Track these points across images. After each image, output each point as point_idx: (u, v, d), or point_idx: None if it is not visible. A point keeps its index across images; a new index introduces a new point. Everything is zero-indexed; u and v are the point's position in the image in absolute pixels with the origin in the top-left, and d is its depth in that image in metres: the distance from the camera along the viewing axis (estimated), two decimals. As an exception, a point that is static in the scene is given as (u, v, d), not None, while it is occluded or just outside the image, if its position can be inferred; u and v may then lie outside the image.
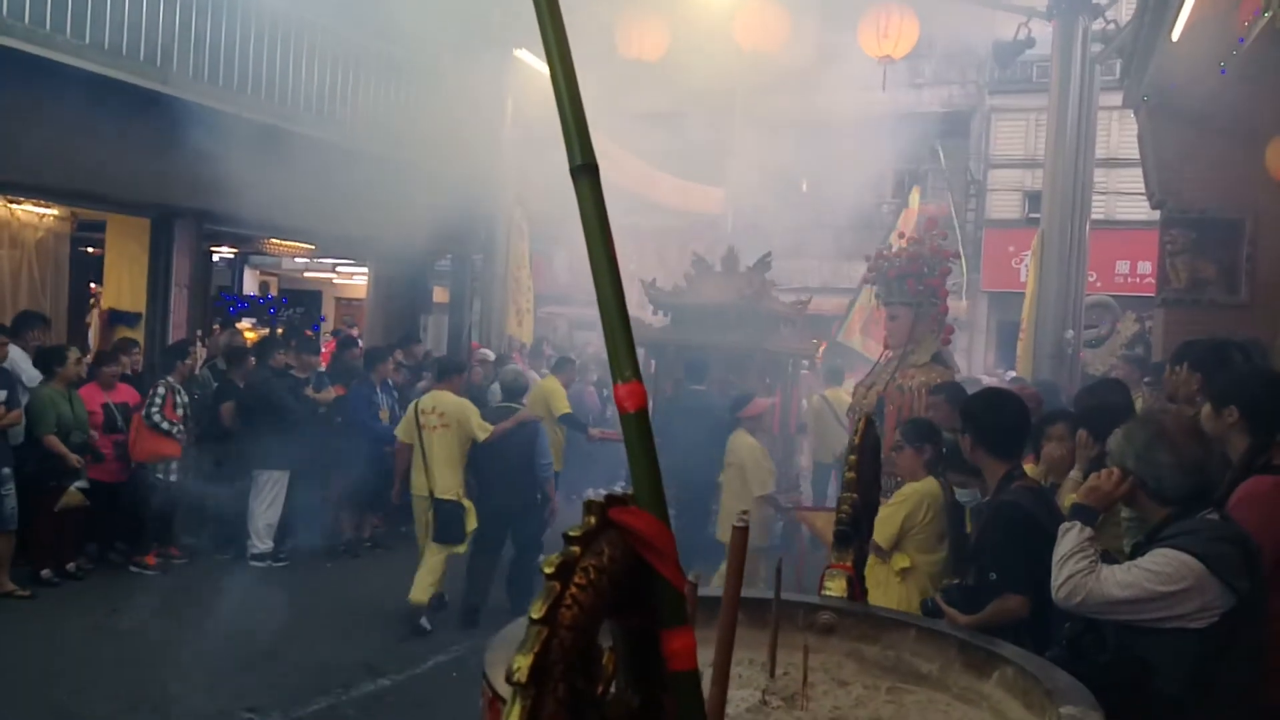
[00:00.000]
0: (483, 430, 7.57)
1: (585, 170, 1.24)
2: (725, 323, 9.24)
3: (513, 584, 7.81)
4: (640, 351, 10.73)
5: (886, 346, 7.21)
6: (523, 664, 0.96)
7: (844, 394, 9.92)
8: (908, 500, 4.79)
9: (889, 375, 6.63)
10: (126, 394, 8.55)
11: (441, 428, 7.54)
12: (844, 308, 13.06)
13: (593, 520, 1.11)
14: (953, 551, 4.74)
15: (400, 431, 7.88)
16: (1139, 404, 6.59)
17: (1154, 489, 2.79)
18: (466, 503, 7.61)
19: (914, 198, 15.03)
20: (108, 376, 8.43)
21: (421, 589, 7.45)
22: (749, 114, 19.39)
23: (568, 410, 9.90)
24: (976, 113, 19.39)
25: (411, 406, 7.84)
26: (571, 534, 1.08)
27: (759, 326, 9.36)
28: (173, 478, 8.44)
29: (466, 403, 7.79)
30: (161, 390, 8.44)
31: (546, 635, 0.98)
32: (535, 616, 0.99)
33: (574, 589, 1.03)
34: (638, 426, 1.20)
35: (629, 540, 1.13)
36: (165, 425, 8.32)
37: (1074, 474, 4.20)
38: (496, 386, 9.53)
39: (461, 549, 7.63)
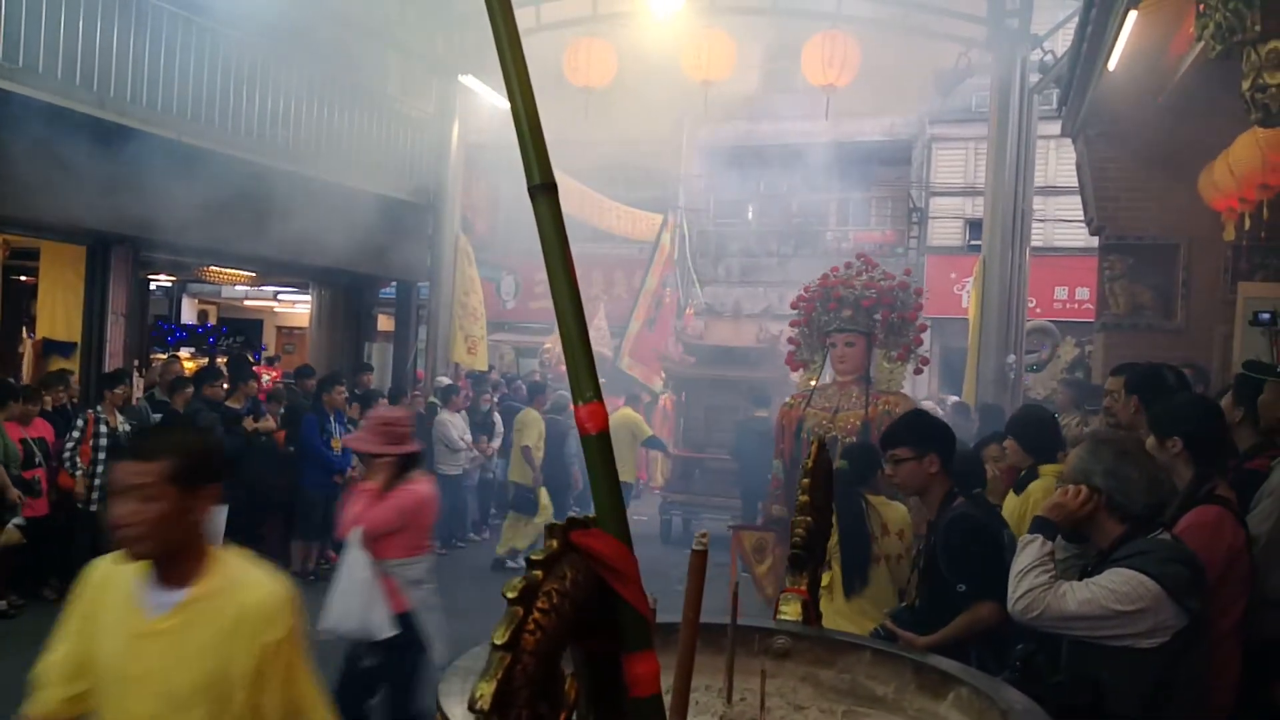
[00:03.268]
0: (529, 438, 10.54)
1: (544, 189, 1.23)
2: (745, 360, 11.96)
3: None
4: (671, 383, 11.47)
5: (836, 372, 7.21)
6: (485, 691, 0.93)
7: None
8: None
9: (860, 401, 6.52)
10: (43, 429, 8.21)
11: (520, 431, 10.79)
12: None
13: (554, 544, 1.09)
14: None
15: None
16: (1077, 428, 6.70)
17: (1121, 503, 2.82)
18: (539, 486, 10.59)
19: (666, 237, 15.05)
20: (25, 413, 8.04)
21: (520, 541, 10.45)
22: (695, 142, 19.54)
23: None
24: (917, 141, 19.71)
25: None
26: (533, 558, 1.06)
27: (771, 363, 11.49)
28: (93, 508, 8.08)
29: (533, 415, 10.75)
30: (81, 423, 8.19)
31: (510, 661, 0.96)
32: (498, 642, 0.96)
33: (537, 614, 1.00)
34: (599, 448, 1.18)
35: (591, 563, 1.11)
36: (68, 466, 8.11)
37: None
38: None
39: (538, 519, 10.36)
